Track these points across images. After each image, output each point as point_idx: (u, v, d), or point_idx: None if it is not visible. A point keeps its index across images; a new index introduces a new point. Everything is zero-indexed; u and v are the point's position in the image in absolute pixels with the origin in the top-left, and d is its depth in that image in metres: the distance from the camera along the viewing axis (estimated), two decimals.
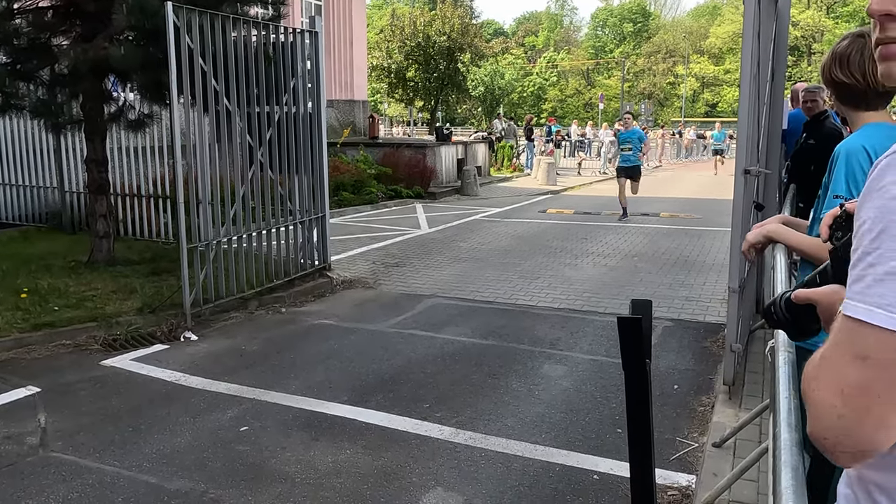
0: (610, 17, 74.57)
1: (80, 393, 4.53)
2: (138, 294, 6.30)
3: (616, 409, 4.26)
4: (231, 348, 5.49)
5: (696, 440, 3.88)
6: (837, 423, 0.85)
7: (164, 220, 8.85)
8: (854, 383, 0.83)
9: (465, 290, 7.28)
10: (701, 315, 6.33)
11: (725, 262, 8.46)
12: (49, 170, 9.73)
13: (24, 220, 9.96)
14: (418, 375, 4.88)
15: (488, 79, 39.47)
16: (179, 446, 3.79)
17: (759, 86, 4.55)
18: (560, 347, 5.49)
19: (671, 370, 4.94)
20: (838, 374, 0.85)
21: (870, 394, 0.82)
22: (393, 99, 37.54)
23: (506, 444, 3.82)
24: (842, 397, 0.84)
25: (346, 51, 19.31)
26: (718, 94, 65.71)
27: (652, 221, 12.46)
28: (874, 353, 0.82)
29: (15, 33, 6.34)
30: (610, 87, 65.99)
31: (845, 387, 0.84)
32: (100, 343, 5.42)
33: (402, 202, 14.75)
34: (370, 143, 16.98)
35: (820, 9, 60.08)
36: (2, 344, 5.18)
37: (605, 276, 7.99)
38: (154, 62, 6.09)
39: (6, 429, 3.97)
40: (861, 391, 0.83)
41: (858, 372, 0.83)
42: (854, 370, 0.83)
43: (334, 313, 6.48)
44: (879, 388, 0.82)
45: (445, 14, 31.85)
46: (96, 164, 7.15)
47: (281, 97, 6.83)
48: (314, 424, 4.08)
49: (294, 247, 7.28)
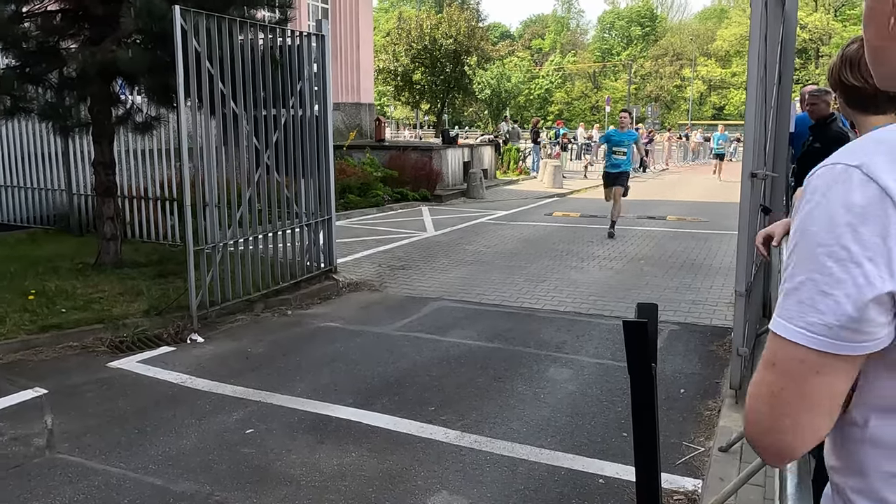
0: (617, 19, 74.52)
1: (87, 395, 4.54)
2: (145, 296, 6.32)
3: (622, 412, 4.25)
4: (237, 351, 5.50)
5: (703, 444, 3.86)
6: (757, 426, 0.92)
7: (171, 222, 8.87)
8: (768, 390, 0.90)
9: (470, 293, 7.28)
10: (707, 319, 6.31)
11: (732, 266, 8.43)
12: (57, 172, 9.79)
13: (32, 223, 10.02)
14: (424, 378, 4.88)
15: (495, 82, 39.49)
16: (185, 448, 3.80)
17: (766, 89, 4.54)
18: (566, 351, 5.48)
19: (677, 374, 4.93)
20: (760, 380, 0.91)
21: (781, 400, 0.88)
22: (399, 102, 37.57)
23: (511, 448, 3.81)
24: (761, 401, 0.91)
25: (352, 54, 19.36)
26: (725, 97, 65.58)
27: (658, 224, 12.43)
28: (781, 361, 0.88)
29: (24, 37, 6.38)
30: (617, 90, 65.92)
31: (763, 392, 0.91)
32: (106, 345, 5.44)
33: (408, 205, 14.76)
34: (376, 146, 17.00)
35: (828, 11, 59.89)
36: (9, 346, 5.20)
37: (612, 279, 7.97)
38: (161, 65, 6.12)
39: (13, 430, 3.99)
40: (774, 397, 0.89)
41: (772, 379, 0.89)
42: (769, 377, 0.90)
43: (340, 316, 6.48)
44: (788, 396, 0.88)
45: (452, 17, 31.85)
46: (104, 167, 7.18)
47: (287, 100, 6.85)
48: (320, 427, 4.08)
49: (300, 249, 7.29)
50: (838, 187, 0.83)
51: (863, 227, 0.80)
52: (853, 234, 0.81)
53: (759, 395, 0.91)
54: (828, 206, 0.83)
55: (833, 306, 0.82)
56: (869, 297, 0.81)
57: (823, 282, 0.83)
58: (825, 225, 0.83)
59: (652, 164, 27.86)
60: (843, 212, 0.81)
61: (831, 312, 0.82)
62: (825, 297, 0.82)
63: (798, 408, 0.87)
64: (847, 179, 0.82)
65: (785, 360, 0.87)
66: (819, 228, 0.83)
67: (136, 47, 6.37)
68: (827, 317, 0.83)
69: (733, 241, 10.07)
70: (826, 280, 0.82)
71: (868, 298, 0.81)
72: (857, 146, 0.86)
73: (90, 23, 6.74)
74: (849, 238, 0.81)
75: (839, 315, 0.82)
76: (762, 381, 0.90)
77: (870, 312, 0.81)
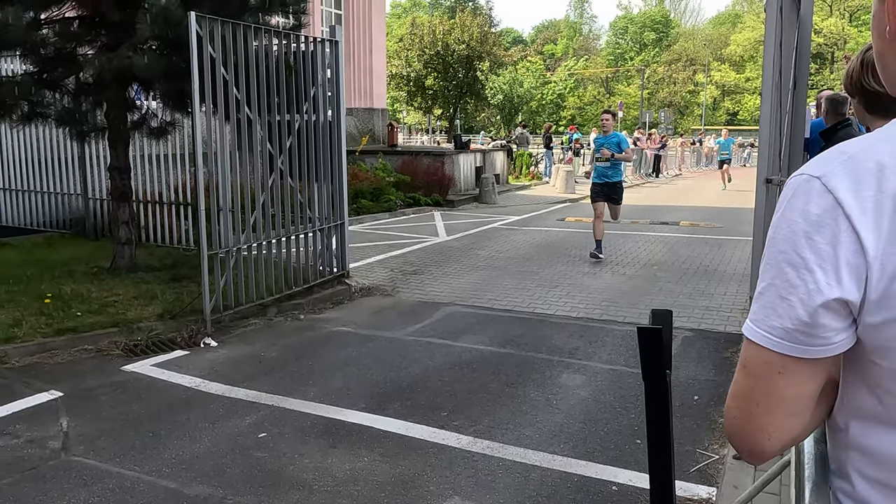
0: (630, 24, 74.40)
1: (102, 398, 4.58)
2: (159, 300, 6.36)
3: (635, 419, 4.23)
4: (250, 355, 5.52)
5: (717, 452, 3.83)
6: (732, 424, 0.98)
7: (185, 226, 8.93)
8: (739, 390, 0.95)
9: (483, 298, 7.27)
10: (721, 325, 6.26)
11: (746, 272, 8.39)
12: (73, 177, 9.88)
13: (49, 227, 10.11)
14: (436, 384, 4.88)
15: (507, 87, 39.50)
16: (199, 452, 3.81)
17: (780, 94, 4.51)
18: (578, 357, 5.46)
19: (691, 381, 4.89)
20: (734, 381, 0.96)
21: (750, 400, 0.93)
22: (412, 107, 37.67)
23: (524, 454, 3.80)
24: (734, 402, 0.96)
25: (365, 59, 19.44)
26: (739, 102, 65.26)
27: (672, 230, 12.37)
28: (749, 363, 0.93)
29: (42, 43, 6.45)
30: (629, 95, 65.77)
31: (736, 392, 0.95)
32: (121, 348, 5.48)
33: (420, 210, 14.78)
34: (389, 151, 17.04)
35: (843, 16, 59.50)
36: (25, 349, 5.25)
37: (624, 284, 7.94)
38: (177, 71, 6.17)
39: (29, 432, 4.02)
40: (744, 398, 0.94)
41: (742, 380, 0.94)
42: (740, 378, 0.95)
43: (352, 320, 6.50)
44: (757, 396, 0.92)
45: (465, 22, 31.95)
46: (119, 172, 7.24)
47: (301, 106, 6.88)
48: (332, 431, 4.09)
49: (313, 254, 7.32)
50: (800, 197, 0.87)
51: (817, 236, 0.84)
52: (808, 241, 0.85)
53: (733, 396, 0.96)
54: (790, 214, 0.88)
55: (789, 310, 0.87)
56: (818, 302, 0.84)
57: (782, 287, 0.87)
58: (786, 233, 0.87)
59: (665, 170, 27.75)
60: (801, 221, 0.86)
61: (787, 316, 0.87)
62: (782, 302, 0.87)
63: (764, 407, 0.92)
64: (808, 190, 0.86)
65: (752, 362, 0.92)
66: (781, 236, 0.88)
67: (151, 53, 6.43)
68: (784, 320, 0.87)
69: (747, 247, 10.05)
70: (784, 286, 0.87)
71: (817, 304, 0.84)
72: (825, 157, 0.89)
73: (107, 29, 6.81)
74: (804, 245, 0.85)
75: (793, 319, 0.86)
76: (735, 383, 0.96)
77: (821, 318, 0.85)
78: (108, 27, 6.77)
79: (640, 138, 26.30)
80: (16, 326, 5.53)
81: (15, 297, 6.29)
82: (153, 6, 5.84)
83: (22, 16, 6.07)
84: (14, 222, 10.33)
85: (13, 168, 10.29)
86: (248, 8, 6.75)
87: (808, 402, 0.92)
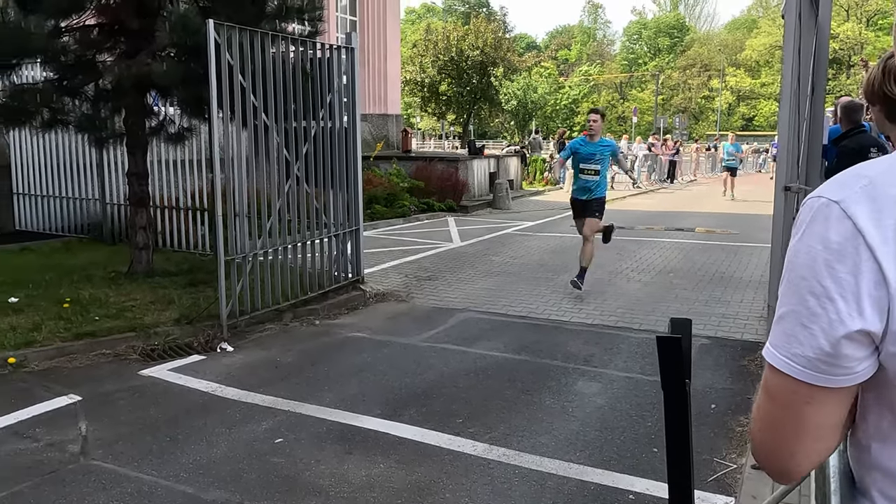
0: (644, 29, 74.21)
1: (120, 402, 4.61)
2: (176, 305, 6.41)
3: (652, 427, 4.20)
4: (266, 360, 5.54)
5: (735, 461, 3.80)
6: (758, 449, 0.97)
7: (202, 231, 9.00)
8: (767, 418, 0.94)
9: (497, 304, 7.27)
10: (738, 333, 6.22)
11: (763, 280, 8.33)
12: (91, 182, 9.99)
13: (67, 232, 10.22)
14: (451, 390, 4.88)
15: (521, 92, 39.49)
16: (216, 457, 3.83)
17: (799, 101, 4.49)
18: (594, 364, 5.44)
19: (708, 389, 4.86)
20: (759, 406, 0.96)
21: (779, 428, 0.92)
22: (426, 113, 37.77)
23: (540, 462, 3.79)
24: (762, 429, 0.95)
25: (380, 65, 19.51)
26: (755, 107, 64.86)
27: (687, 236, 12.31)
28: (775, 391, 0.92)
29: (63, 51, 6.54)
30: (643, 101, 65.56)
31: (764, 419, 0.95)
32: (138, 353, 5.52)
33: (434, 215, 14.80)
34: (403, 157, 17.09)
35: (860, 21, 59.04)
36: (45, 352, 5.31)
37: (640, 291, 7.90)
38: (195, 78, 6.23)
39: (49, 436, 4.06)
40: (772, 426, 0.93)
41: (769, 408, 0.93)
42: (766, 405, 0.94)
43: (367, 326, 6.51)
44: (786, 425, 0.91)
45: (479, 28, 32.03)
46: (137, 178, 7.31)
47: (317, 112, 6.92)
48: (348, 437, 4.10)
49: (328, 259, 7.34)
50: (818, 222, 0.86)
51: (837, 265, 0.83)
52: (829, 270, 0.84)
53: (759, 421, 0.95)
54: (809, 240, 0.87)
55: (810, 339, 0.86)
56: (841, 333, 0.83)
57: (803, 314, 0.86)
58: (806, 259, 0.86)
59: (680, 176, 27.62)
60: (822, 248, 0.85)
61: (809, 345, 0.86)
62: (804, 330, 0.86)
63: (794, 436, 0.91)
64: (827, 216, 0.85)
65: (778, 391, 0.91)
66: (801, 262, 0.87)
67: (170, 60, 6.49)
68: (806, 349, 0.86)
69: (764, 254, 9.98)
70: (805, 313, 0.86)
71: (840, 335, 0.83)
72: (843, 180, 0.88)
73: (126, 36, 6.89)
74: (825, 274, 0.84)
75: (815, 348, 0.85)
76: (761, 408, 0.95)
77: (843, 348, 0.84)
78: (128, 35, 6.85)
79: (655, 144, 26.18)
80: (35, 331, 5.59)
81: (35, 301, 6.36)
82: (172, 14, 5.90)
83: (44, 24, 6.15)
84: (33, 227, 10.45)
85: (32, 173, 10.42)
86: (265, 15, 6.81)
87: (836, 428, 0.92)
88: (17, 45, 5.99)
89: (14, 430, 4.12)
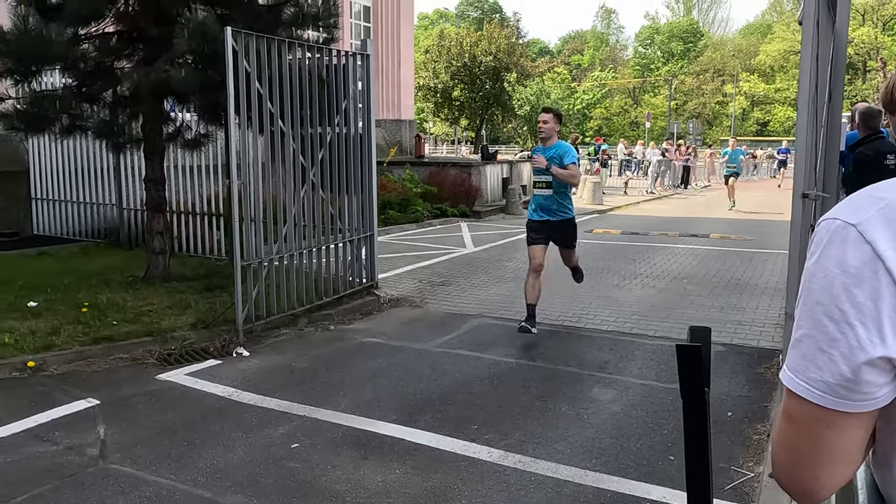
0: (656, 34, 74.03)
1: (138, 406, 4.65)
2: (192, 310, 6.46)
3: (668, 435, 4.19)
4: (281, 365, 5.57)
5: (752, 470, 3.78)
6: (780, 473, 0.96)
7: (217, 236, 9.06)
8: (788, 442, 0.93)
9: (511, 310, 7.26)
10: (754, 340, 6.18)
11: (779, 286, 8.28)
12: (108, 188, 10.09)
13: (84, 236, 10.32)
14: (466, 396, 4.88)
15: (534, 98, 39.49)
16: (233, 462, 3.86)
17: (816, 108, 4.47)
18: (609, 371, 5.42)
19: (724, 396, 4.83)
20: (779, 428, 0.94)
21: (801, 453, 0.91)
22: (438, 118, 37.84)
23: (555, 469, 3.78)
24: (782, 452, 0.94)
25: (393, 71, 19.59)
26: (769, 112, 64.48)
27: (701, 242, 12.25)
28: (795, 416, 0.91)
29: (82, 58, 6.62)
30: (656, 106, 65.36)
31: (785, 443, 0.94)
32: (155, 357, 5.56)
33: (447, 221, 14.82)
34: (416, 162, 17.13)
35: (875, 25, 58.60)
36: (64, 356, 5.36)
37: (654, 297, 7.87)
38: (212, 85, 6.28)
39: (68, 439, 4.10)
40: (794, 451, 0.92)
41: (789, 431, 0.92)
42: (786, 428, 0.93)
43: (382, 331, 6.53)
44: (808, 450, 0.90)
45: (492, 34, 32.08)
46: (154, 183, 7.38)
47: (333, 118, 6.97)
48: (363, 443, 4.11)
49: (343, 265, 7.37)
50: (835, 245, 0.85)
51: (856, 289, 0.82)
52: (847, 295, 0.82)
53: (780, 444, 0.94)
54: (826, 262, 0.85)
55: (830, 364, 0.84)
56: (861, 360, 0.82)
57: (821, 339, 0.85)
58: (823, 283, 0.85)
59: (694, 181, 27.50)
60: (839, 272, 0.83)
61: (828, 370, 0.85)
62: (823, 355, 0.85)
63: (816, 460, 0.90)
64: (844, 238, 0.84)
65: (799, 415, 0.90)
66: (818, 286, 0.86)
67: (188, 67, 6.55)
68: (825, 374, 0.85)
69: (779, 260, 9.92)
70: (823, 338, 0.85)
71: (860, 361, 0.82)
72: (858, 202, 0.87)
73: (144, 44, 6.97)
74: (843, 299, 0.83)
75: (835, 374, 0.84)
76: (781, 431, 0.93)
77: (864, 374, 0.83)
78: (146, 42, 6.93)
79: (669, 149, 26.10)
80: (54, 335, 5.65)
81: (53, 305, 6.42)
82: (191, 21, 5.96)
83: (64, 32, 6.23)
84: (51, 231, 10.56)
85: (50, 178, 10.53)
86: (281, 22, 6.87)
87: (859, 450, 0.91)
88: (38, 52, 6.08)
89: (34, 434, 4.16)
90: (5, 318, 6.01)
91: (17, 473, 3.67)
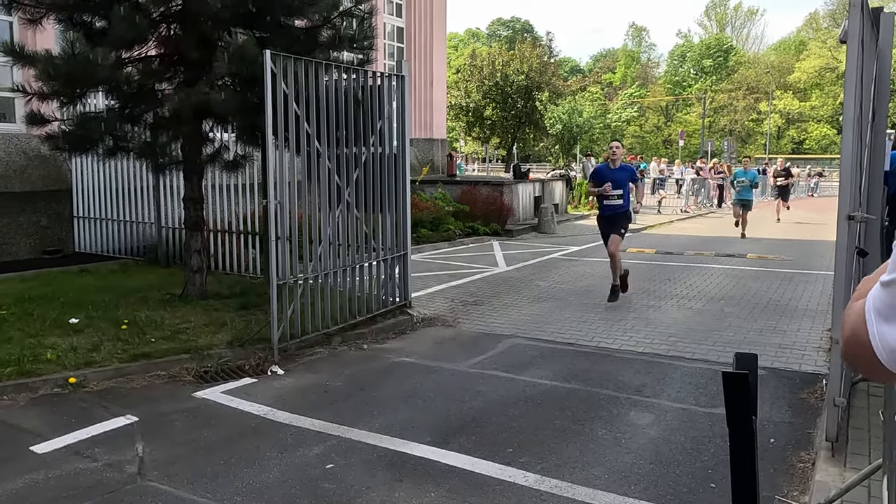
0: (689, 51, 73.56)
1: (175, 423, 4.70)
2: (228, 327, 6.52)
3: (708, 462, 4.09)
4: (316, 384, 5.59)
5: (797, 499, 3.68)
6: (847, 354, 0.99)
7: (253, 255, 9.16)
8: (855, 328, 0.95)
9: (545, 330, 7.20)
10: (796, 364, 6.04)
11: (820, 309, 8.09)
12: (147, 207, 10.29)
13: (123, 254, 10.53)
14: (500, 418, 4.83)
15: (566, 116, 39.46)
16: (268, 481, 3.86)
17: (861, 128, 4.38)
18: (646, 394, 5.33)
19: (766, 422, 4.72)
20: (851, 311, 0.98)
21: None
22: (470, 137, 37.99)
23: (593, 495, 3.72)
24: (849, 334, 0.97)
25: (426, 91, 19.73)
26: (805, 130, 63.48)
27: (738, 262, 12.05)
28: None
29: (126, 80, 6.79)
30: (689, 123, 64.79)
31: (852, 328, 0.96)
32: (192, 375, 5.62)
33: (479, 239, 14.80)
34: (448, 181, 17.19)
35: None
36: (104, 373, 5.45)
37: (691, 319, 7.75)
38: (251, 106, 6.40)
39: (108, 456, 4.15)
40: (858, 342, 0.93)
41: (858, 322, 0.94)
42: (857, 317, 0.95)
43: (415, 351, 6.52)
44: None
45: (524, 53, 32.20)
46: (193, 203, 7.51)
47: (368, 139, 7.03)
48: (398, 465, 4.09)
49: (376, 284, 7.40)
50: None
51: None
52: None
53: (849, 329, 0.97)
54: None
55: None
56: None
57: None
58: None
59: (728, 200, 27.08)
60: None
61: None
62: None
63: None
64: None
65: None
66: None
67: (227, 89, 6.68)
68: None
69: (820, 282, 9.71)
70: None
71: None
72: None
73: (185, 66, 7.12)
74: None
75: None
76: (852, 315, 0.97)
77: None
78: (187, 65, 7.08)
79: (703, 168, 25.81)
80: (95, 351, 5.75)
81: (94, 322, 6.55)
82: (231, 45, 6.08)
83: (109, 55, 6.40)
84: (91, 249, 10.80)
85: (92, 197, 10.78)
86: (318, 45, 6.97)
87: None
88: (85, 75, 6.25)
89: (75, 450, 4.22)
90: (48, 335, 6.14)
91: (58, 490, 3.72)
